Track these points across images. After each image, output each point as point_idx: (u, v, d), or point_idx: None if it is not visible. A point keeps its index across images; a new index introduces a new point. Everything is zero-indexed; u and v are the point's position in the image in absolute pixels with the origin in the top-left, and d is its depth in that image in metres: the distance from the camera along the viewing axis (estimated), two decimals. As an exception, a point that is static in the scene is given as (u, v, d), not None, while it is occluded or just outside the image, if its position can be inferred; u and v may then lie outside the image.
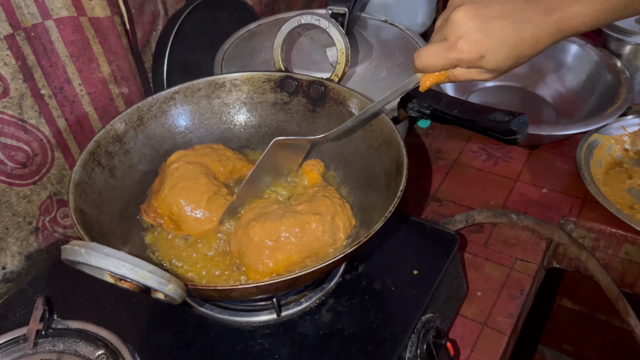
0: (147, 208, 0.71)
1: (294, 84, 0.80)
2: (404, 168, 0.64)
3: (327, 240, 0.65)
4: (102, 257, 0.45)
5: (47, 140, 0.79)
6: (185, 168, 0.69)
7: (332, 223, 0.66)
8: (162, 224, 0.69)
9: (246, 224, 0.66)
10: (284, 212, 0.66)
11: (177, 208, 0.68)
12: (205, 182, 0.69)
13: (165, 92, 0.77)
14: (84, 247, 0.46)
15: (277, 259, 0.62)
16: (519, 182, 1.03)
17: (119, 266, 0.45)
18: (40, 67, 0.75)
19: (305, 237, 0.64)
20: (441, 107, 0.78)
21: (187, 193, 0.68)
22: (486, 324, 0.80)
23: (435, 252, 0.75)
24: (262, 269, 0.62)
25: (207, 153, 0.73)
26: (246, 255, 0.63)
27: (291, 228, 0.64)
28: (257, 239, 0.63)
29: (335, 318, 0.68)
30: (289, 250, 0.63)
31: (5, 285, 0.79)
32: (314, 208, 0.66)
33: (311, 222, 0.65)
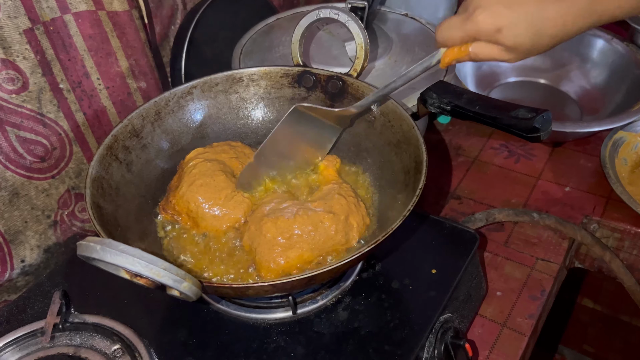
0: (165, 205, 0.70)
1: (311, 79, 0.79)
2: (424, 166, 0.62)
3: (340, 239, 0.64)
4: (118, 254, 0.45)
5: (65, 134, 0.79)
6: (204, 165, 0.69)
7: (346, 222, 0.65)
8: (179, 221, 0.69)
9: (259, 220, 0.65)
10: (297, 209, 0.65)
11: (195, 205, 0.67)
12: (223, 179, 0.68)
13: (182, 87, 0.77)
14: (99, 244, 0.45)
15: (288, 257, 0.62)
16: (541, 180, 1.01)
17: (134, 263, 0.45)
18: (58, 61, 0.75)
19: (318, 236, 0.63)
20: (462, 103, 0.77)
21: (205, 190, 0.67)
22: (506, 324, 0.79)
23: (455, 251, 0.74)
24: (274, 266, 0.62)
25: (225, 150, 0.73)
26: (258, 251, 0.63)
27: (304, 226, 0.63)
28: (270, 236, 0.62)
29: (351, 317, 0.67)
30: (301, 248, 0.62)
31: (24, 278, 0.79)
32: (328, 206, 0.65)
33: (324, 220, 0.64)
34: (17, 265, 0.78)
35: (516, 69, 1.18)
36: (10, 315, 0.70)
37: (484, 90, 1.17)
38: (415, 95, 0.85)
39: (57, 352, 0.65)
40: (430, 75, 0.89)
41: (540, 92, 1.16)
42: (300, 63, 0.80)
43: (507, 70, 1.18)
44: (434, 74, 0.89)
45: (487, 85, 1.17)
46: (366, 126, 0.76)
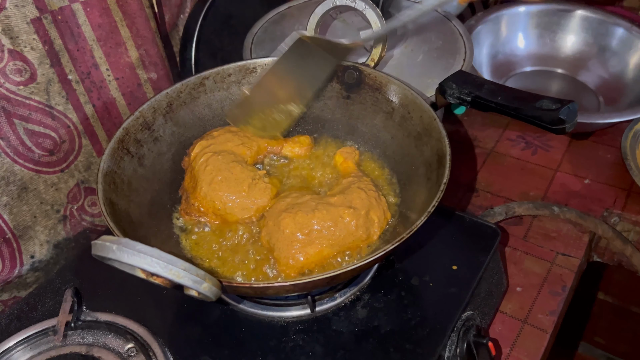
0: (187, 208, 0.68)
1: (327, 69, 0.76)
2: (447, 160, 0.60)
3: (360, 235, 0.62)
4: (135, 254, 0.43)
5: (74, 126, 0.77)
6: (215, 160, 0.67)
7: (367, 217, 0.63)
8: (206, 221, 0.67)
9: (278, 215, 0.63)
10: (316, 203, 0.63)
11: (221, 202, 0.65)
12: (240, 170, 0.66)
13: (194, 78, 0.75)
14: (115, 244, 0.43)
15: (308, 253, 0.60)
16: (559, 172, 0.98)
17: (153, 264, 0.43)
18: (67, 51, 0.73)
19: (338, 232, 0.61)
20: (483, 94, 0.74)
21: (227, 185, 0.65)
22: (526, 321, 0.77)
23: (476, 247, 0.72)
24: (293, 262, 0.60)
25: (229, 138, 0.70)
26: (277, 247, 0.61)
27: (323, 221, 0.61)
28: (289, 231, 0.60)
29: (371, 315, 0.65)
30: (320, 244, 0.60)
31: (34, 274, 0.78)
32: (348, 201, 0.63)
33: (345, 215, 0.62)
34: (27, 261, 0.76)
35: (532, 57, 1.15)
36: (21, 312, 0.68)
37: (499, 80, 1.14)
38: (433, 86, 0.83)
39: (69, 351, 0.63)
40: (448, 64, 0.87)
41: (557, 81, 1.13)
42: (316, 53, 0.77)
43: (523, 59, 1.16)
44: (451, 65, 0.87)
45: (503, 74, 1.15)
46: (384, 117, 0.73)
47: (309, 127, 0.79)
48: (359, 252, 0.63)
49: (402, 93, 0.70)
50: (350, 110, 0.76)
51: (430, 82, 0.84)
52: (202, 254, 0.65)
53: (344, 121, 0.77)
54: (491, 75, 1.12)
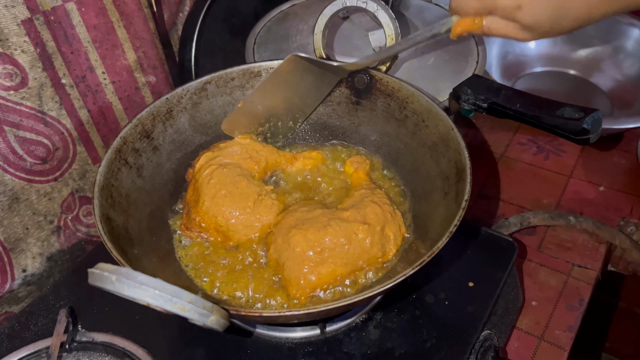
0: (188, 223, 0.64)
1: (336, 74, 0.73)
2: (467, 174, 0.57)
3: (375, 253, 0.58)
4: (136, 286, 0.39)
5: (68, 133, 0.73)
6: (220, 173, 0.63)
7: (382, 234, 0.59)
8: (208, 238, 0.63)
9: (287, 232, 0.59)
10: (328, 219, 0.59)
11: (223, 218, 0.61)
12: (246, 184, 0.63)
13: (195, 83, 0.71)
14: (114, 274, 0.40)
15: (320, 273, 0.56)
16: (573, 179, 0.95)
17: (156, 297, 0.39)
18: (60, 54, 0.69)
19: (352, 249, 0.57)
20: (500, 100, 0.71)
21: (231, 200, 0.61)
22: (543, 337, 0.74)
23: (492, 262, 0.68)
24: (304, 283, 0.56)
25: (236, 151, 0.66)
26: (286, 266, 0.57)
27: (336, 238, 0.57)
28: (300, 250, 0.56)
29: (384, 335, 0.61)
30: (333, 263, 0.57)
31: (26, 288, 0.74)
32: (362, 215, 0.59)
33: (359, 232, 0.58)
34: (19, 275, 0.72)
35: (543, 58, 1.11)
36: (12, 332, 0.65)
37: (508, 81, 1.10)
38: (445, 90, 0.79)
39: (64, 376, 0.60)
40: (460, 67, 0.84)
41: (568, 83, 1.09)
42: (324, 55, 0.73)
43: (533, 60, 1.12)
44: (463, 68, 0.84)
45: (512, 75, 1.11)
46: (396, 125, 0.69)
47: (316, 135, 0.75)
48: (373, 271, 0.59)
49: (416, 100, 0.67)
50: (359, 117, 0.73)
51: (442, 85, 0.80)
52: (204, 272, 0.61)
53: (352, 128, 0.73)
54: (501, 76, 1.08)
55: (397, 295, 0.65)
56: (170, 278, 0.58)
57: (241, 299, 0.58)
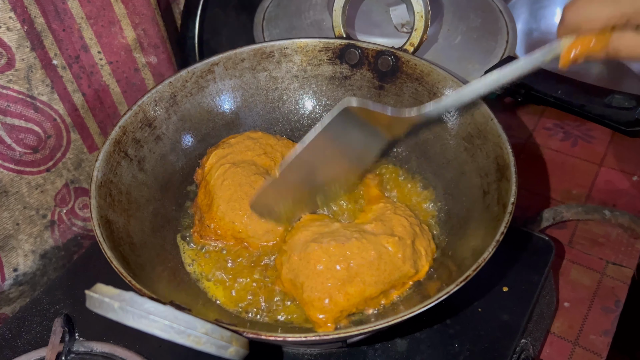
0: (202, 230, 0.57)
1: (357, 54, 0.66)
2: (512, 172, 0.50)
3: (408, 270, 0.51)
4: (143, 316, 0.33)
5: (61, 119, 0.66)
6: (234, 172, 0.56)
7: (413, 248, 0.52)
8: (225, 246, 0.57)
9: (304, 247, 0.51)
10: (351, 232, 0.52)
11: (242, 224, 0.55)
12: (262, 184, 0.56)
13: (201, 65, 0.64)
14: (117, 300, 0.34)
15: (348, 294, 0.49)
16: (604, 167, 0.89)
17: (167, 330, 0.33)
18: (51, 32, 0.61)
19: (383, 265, 0.50)
20: (539, 86, 0.65)
21: (248, 203, 0.55)
22: (577, 342, 0.68)
23: (528, 264, 0.63)
24: (329, 305, 0.49)
25: (248, 147, 0.60)
26: (306, 286, 0.49)
27: (365, 252, 0.50)
28: (323, 267, 0.49)
29: (412, 347, 0.56)
30: (362, 281, 0.49)
31: (18, 288, 0.68)
32: (389, 228, 0.52)
33: (389, 245, 0.51)
34: (9, 275, 0.66)
35: (571, 36, 1.04)
36: (3, 341, 0.59)
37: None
38: (474, 72, 0.72)
39: (60, 392, 0.54)
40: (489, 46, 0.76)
41: (597, 64, 1.02)
42: (343, 34, 0.66)
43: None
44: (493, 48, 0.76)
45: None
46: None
47: (334, 121, 0.69)
48: (402, 289, 0.53)
49: (449, 85, 0.60)
50: (383, 103, 0.66)
51: (471, 67, 0.73)
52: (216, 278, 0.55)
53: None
54: (524, 55, 1.00)
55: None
56: (178, 287, 0.52)
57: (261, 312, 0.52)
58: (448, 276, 0.50)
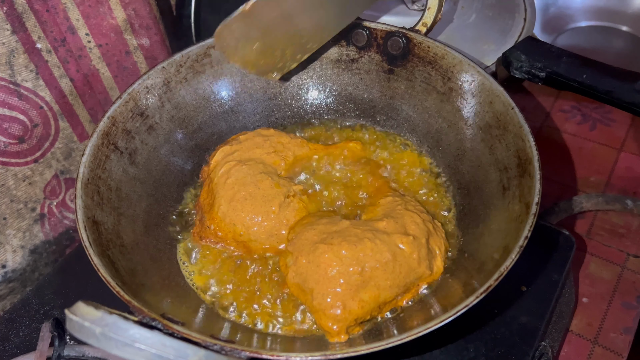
0: (202, 232, 0.53)
1: (365, 36, 0.61)
2: (534, 167, 0.46)
3: (423, 272, 0.47)
4: (128, 343, 0.30)
5: (48, 106, 0.62)
6: (239, 170, 0.52)
7: (428, 248, 0.48)
8: (226, 248, 0.53)
9: (312, 249, 0.47)
10: (362, 231, 0.48)
11: (244, 226, 0.51)
12: (270, 184, 0.52)
13: (197, 48, 0.59)
14: (98, 326, 0.30)
15: (362, 300, 0.45)
16: (624, 152, 0.84)
17: (154, 359, 0.29)
18: (33, 12, 0.57)
19: (397, 267, 0.46)
20: (562, 70, 0.60)
21: (252, 204, 0.51)
22: (597, 341, 0.65)
23: (547, 260, 0.59)
24: (342, 313, 0.45)
25: (258, 144, 0.55)
26: (317, 293, 0.46)
27: (379, 254, 0.46)
28: (334, 272, 0.45)
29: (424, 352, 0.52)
30: (377, 286, 0.45)
31: (8, 285, 0.65)
32: (401, 226, 0.48)
33: (403, 244, 0.47)
34: (-3, 272, 0.63)
35: (591, 11, 0.98)
36: (-10, 344, 0.56)
37: (549, 36, 0.98)
38: (490, 53, 0.68)
39: (50, 400, 0.51)
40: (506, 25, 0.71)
41: (619, 41, 0.97)
42: (350, 14, 0.61)
43: (578, 13, 0.99)
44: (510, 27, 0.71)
45: (554, 29, 0.98)
46: (438, 99, 0.58)
47: (339, 108, 0.64)
48: (415, 291, 0.49)
49: (465, 70, 0.55)
50: (392, 89, 0.61)
51: (487, 48, 0.69)
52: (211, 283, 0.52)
53: (384, 102, 0.62)
54: (540, 31, 0.95)
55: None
56: (173, 293, 0.49)
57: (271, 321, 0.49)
58: (466, 279, 0.46)
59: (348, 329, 0.45)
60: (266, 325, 0.48)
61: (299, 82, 0.64)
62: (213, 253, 0.52)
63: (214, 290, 0.51)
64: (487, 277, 0.40)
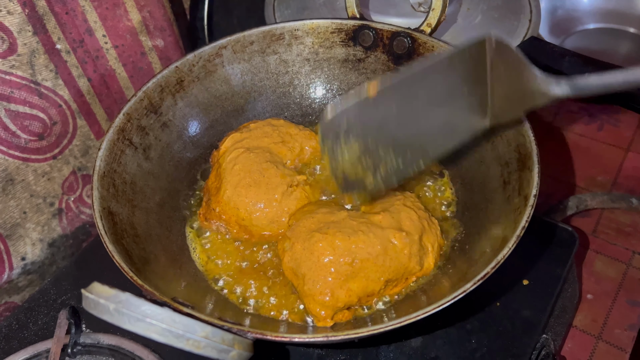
0: (207, 214, 0.55)
1: (371, 36, 0.63)
2: (534, 162, 0.47)
3: (413, 267, 0.49)
4: (139, 318, 0.32)
5: (66, 105, 0.64)
6: (246, 157, 0.54)
7: (420, 244, 0.50)
8: (229, 231, 0.55)
9: (308, 237, 0.49)
10: (358, 223, 0.49)
11: (246, 211, 0.53)
12: (274, 173, 0.54)
13: (209, 48, 0.61)
14: (112, 302, 0.32)
15: (350, 289, 0.47)
16: (631, 152, 0.85)
17: (164, 333, 0.32)
18: (53, 15, 0.59)
19: (388, 261, 0.48)
20: (565, 69, 0.61)
21: (256, 190, 0.53)
22: (601, 337, 0.66)
23: (549, 256, 0.60)
24: (330, 300, 0.47)
25: (267, 133, 0.57)
26: (308, 279, 0.47)
27: (371, 247, 0.48)
28: (326, 260, 0.47)
29: (427, 343, 0.54)
30: (366, 277, 0.47)
31: (27, 277, 0.67)
32: (397, 222, 0.50)
33: (395, 239, 0.49)
34: (17, 264, 0.65)
35: (598, 13, 0.99)
36: (10, 331, 0.58)
37: (556, 39, 0.99)
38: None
39: (66, 385, 0.53)
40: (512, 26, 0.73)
41: (627, 43, 0.97)
42: (357, 15, 0.63)
43: (586, 15, 1.00)
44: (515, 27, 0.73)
45: (562, 32, 0.99)
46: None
47: (347, 106, 0.66)
48: (405, 284, 0.51)
49: (467, 69, 0.56)
50: (398, 87, 0.63)
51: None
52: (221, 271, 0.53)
53: (390, 100, 0.64)
54: (548, 33, 0.96)
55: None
56: (184, 280, 0.51)
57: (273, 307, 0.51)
58: (465, 270, 0.48)
59: (335, 316, 0.47)
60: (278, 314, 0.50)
61: (308, 81, 0.66)
62: (224, 243, 0.55)
63: (225, 279, 0.53)
64: (484, 266, 0.42)
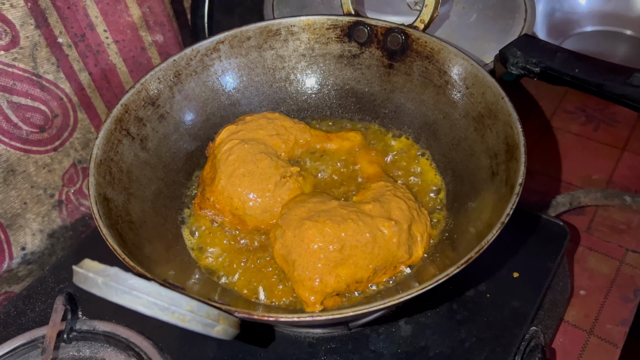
0: (202, 203, 0.57)
1: (366, 32, 0.64)
2: (520, 152, 0.48)
3: (401, 255, 0.50)
4: (126, 291, 0.32)
5: (67, 98, 0.66)
6: (241, 149, 0.55)
7: (409, 233, 0.51)
8: (223, 221, 0.56)
9: (298, 224, 0.50)
10: (348, 212, 0.50)
11: (240, 201, 0.54)
12: (268, 164, 0.55)
13: (206, 42, 0.62)
14: (101, 276, 0.33)
15: (339, 275, 0.48)
16: (627, 152, 0.85)
17: (150, 306, 0.33)
18: (55, 9, 0.61)
19: (376, 249, 0.49)
20: (556, 65, 0.62)
21: (250, 180, 0.54)
22: (592, 332, 0.66)
23: (540, 249, 0.61)
24: (319, 285, 0.48)
25: (262, 125, 0.58)
26: (298, 265, 0.48)
27: (360, 235, 0.49)
28: (316, 247, 0.48)
29: (416, 332, 0.55)
30: (355, 264, 0.48)
31: (27, 267, 0.68)
32: (386, 211, 0.51)
33: (384, 228, 0.50)
34: (17, 253, 0.66)
35: (596, 16, 1.00)
36: (8, 318, 0.59)
37: (555, 41, 0.99)
38: (490, 51, 0.70)
39: (61, 369, 0.54)
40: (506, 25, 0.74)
41: (624, 45, 0.98)
42: (352, 12, 0.64)
43: (584, 18, 1.00)
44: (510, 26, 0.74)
45: (560, 34, 1.00)
46: (435, 92, 0.61)
47: (341, 102, 0.67)
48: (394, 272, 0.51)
49: (459, 63, 0.58)
50: (392, 83, 0.64)
51: (487, 46, 0.71)
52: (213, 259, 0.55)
53: (384, 95, 0.65)
54: (546, 36, 0.97)
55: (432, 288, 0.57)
56: (177, 267, 0.52)
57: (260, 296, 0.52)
58: (452, 258, 0.48)
59: (325, 301, 0.48)
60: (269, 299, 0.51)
61: (304, 77, 0.67)
62: (218, 232, 0.56)
63: (217, 266, 0.54)
64: (469, 251, 0.42)
